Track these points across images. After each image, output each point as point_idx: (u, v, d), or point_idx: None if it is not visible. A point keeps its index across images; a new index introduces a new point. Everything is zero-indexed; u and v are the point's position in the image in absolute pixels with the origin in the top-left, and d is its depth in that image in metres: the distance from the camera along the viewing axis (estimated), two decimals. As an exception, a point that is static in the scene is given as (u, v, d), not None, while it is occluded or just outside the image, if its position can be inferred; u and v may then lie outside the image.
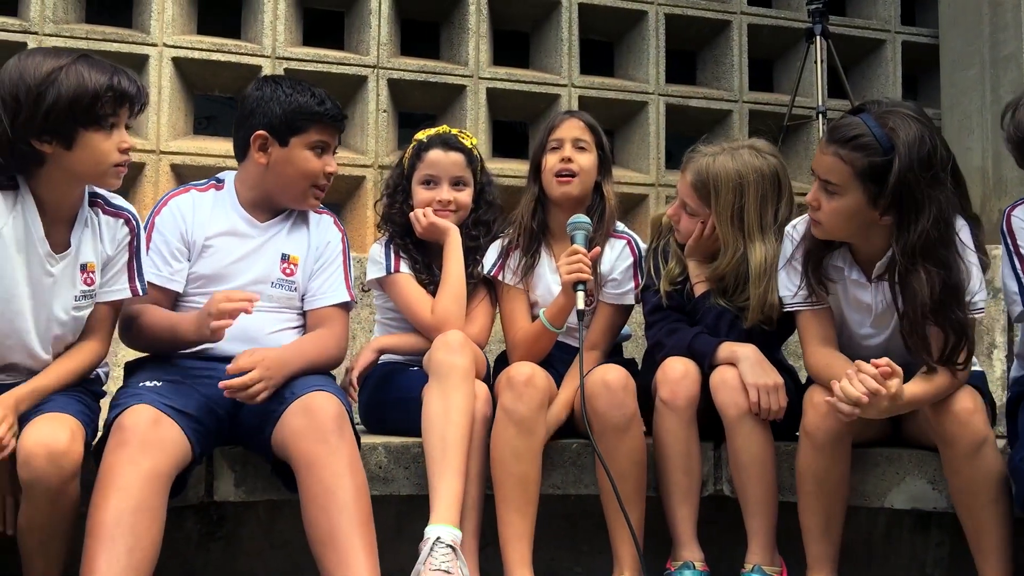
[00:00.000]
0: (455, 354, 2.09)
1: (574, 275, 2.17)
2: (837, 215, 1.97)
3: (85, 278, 1.91)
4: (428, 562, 1.87)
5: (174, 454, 1.81)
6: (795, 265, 2.12)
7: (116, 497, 1.69)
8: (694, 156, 2.28)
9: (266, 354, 1.97)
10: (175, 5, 3.64)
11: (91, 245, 1.93)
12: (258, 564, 2.27)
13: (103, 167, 1.84)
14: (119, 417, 1.81)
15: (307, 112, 2.11)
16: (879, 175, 1.89)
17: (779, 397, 2.11)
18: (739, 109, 4.27)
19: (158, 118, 3.56)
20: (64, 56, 1.81)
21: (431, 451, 2.02)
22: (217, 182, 2.22)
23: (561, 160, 2.39)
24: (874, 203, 1.92)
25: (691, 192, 2.26)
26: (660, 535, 2.18)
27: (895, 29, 4.52)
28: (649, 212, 4.09)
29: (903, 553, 2.39)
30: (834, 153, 1.93)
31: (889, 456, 2.18)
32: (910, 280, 1.93)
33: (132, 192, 3.55)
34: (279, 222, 2.20)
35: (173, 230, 2.11)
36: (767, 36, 4.41)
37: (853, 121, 1.94)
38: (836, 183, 1.94)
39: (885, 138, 1.89)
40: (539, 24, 4.22)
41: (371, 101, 3.81)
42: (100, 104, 1.79)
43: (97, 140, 1.81)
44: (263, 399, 1.94)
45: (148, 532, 1.70)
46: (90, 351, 1.96)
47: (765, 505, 2.13)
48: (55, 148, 1.79)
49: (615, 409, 2.09)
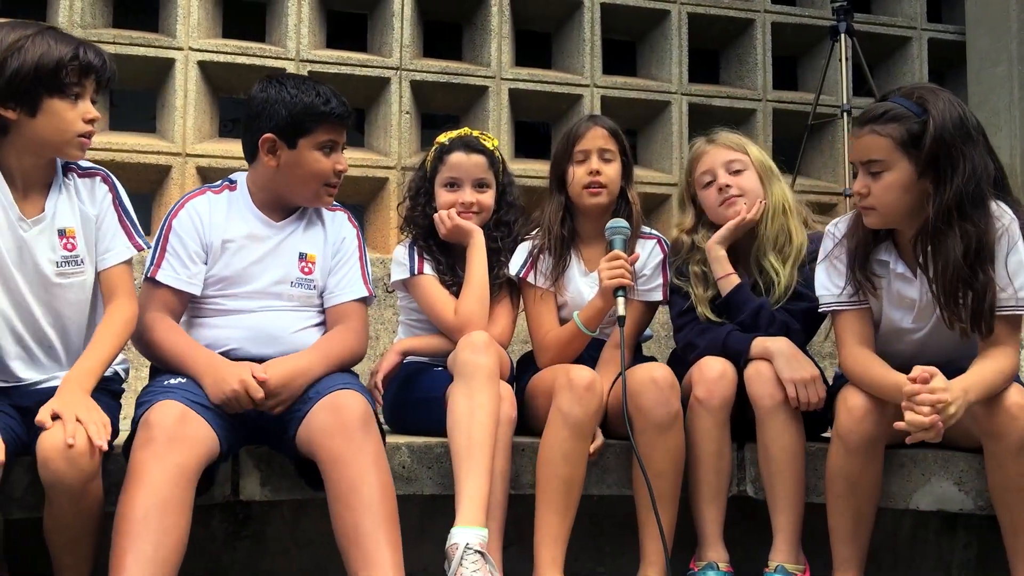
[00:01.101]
0: (481, 354, 2.10)
1: (616, 280, 2.18)
2: (889, 191, 1.96)
3: (65, 243, 1.91)
4: (459, 572, 1.86)
5: (201, 450, 1.82)
6: (836, 264, 2.11)
7: (143, 493, 1.70)
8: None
9: (280, 369, 1.96)
10: (200, 9, 3.68)
11: (68, 210, 1.92)
12: (283, 563, 2.29)
13: (67, 136, 1.86)
14: (146, 413, 1.82)
15: (313, 112, 2.08)
16: (918, 140, 1.92)
17: (817, 389, 2.11)
18: (763, 108, 4.24)
19: (184, 121, 3.60)
20: (31, 27, 1.85)
21: (457, 450, 2.03)
22: (230, 183, 2.21)
23: (589, 173, 2.40)
24: (921, 171, 1.93)
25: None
26: (684, 535, 2.18)
27: (921, 26, 4.48)
28: (672, 211, 4.06)
29: (929, 555, 2.37)
30: (870, 131, 1.96)
31: (914, 457, 2.16)
32: (944, 239, 1.93)
33: (159, 194, 3.59)
34: (294, 221, 2.19)
35: (191, 233, 2.11)
36: (791, 34, 4.38)
37: (881, 103, 1.99)
38: (880, 159, 1.95)
39: (916, 106, 1.94)
40: (561, 24, 4.22)
41: (394, 103, 3.82)
42: (65, 72, 1.82)
43: (62, 108, 1.84)
44: (278, 412, 1.96)
45: (175, 528, 1.71)
46: (118, 310, 1.94)
47: (792, 500, 2.12)
48: (20, 115, 1.82)
49: (661, 406, 2.09)
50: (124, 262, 1.98)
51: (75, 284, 1.93)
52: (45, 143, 1.86)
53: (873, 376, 1.99)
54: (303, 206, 2.21)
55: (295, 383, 1.97)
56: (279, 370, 1.96)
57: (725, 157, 2.38)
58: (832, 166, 4.30)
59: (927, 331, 2.09)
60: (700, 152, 2.43)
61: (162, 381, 1.97)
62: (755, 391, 2.14)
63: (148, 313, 2.04)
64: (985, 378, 1.91)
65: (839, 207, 4.06)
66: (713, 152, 2.40)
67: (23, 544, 1.92)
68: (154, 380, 2.04)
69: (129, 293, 1.98)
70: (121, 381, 2.11)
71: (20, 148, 1.86)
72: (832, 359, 3.43)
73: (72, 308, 1.95)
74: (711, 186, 2.38)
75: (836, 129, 4.21)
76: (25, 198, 1.88)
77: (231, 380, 1.90)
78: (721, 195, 2.35)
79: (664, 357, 2.55)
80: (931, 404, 1.80)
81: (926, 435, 1.82)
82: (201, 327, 2.13)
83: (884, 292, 2.09)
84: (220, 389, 1.90)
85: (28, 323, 1.90)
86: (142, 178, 3.54)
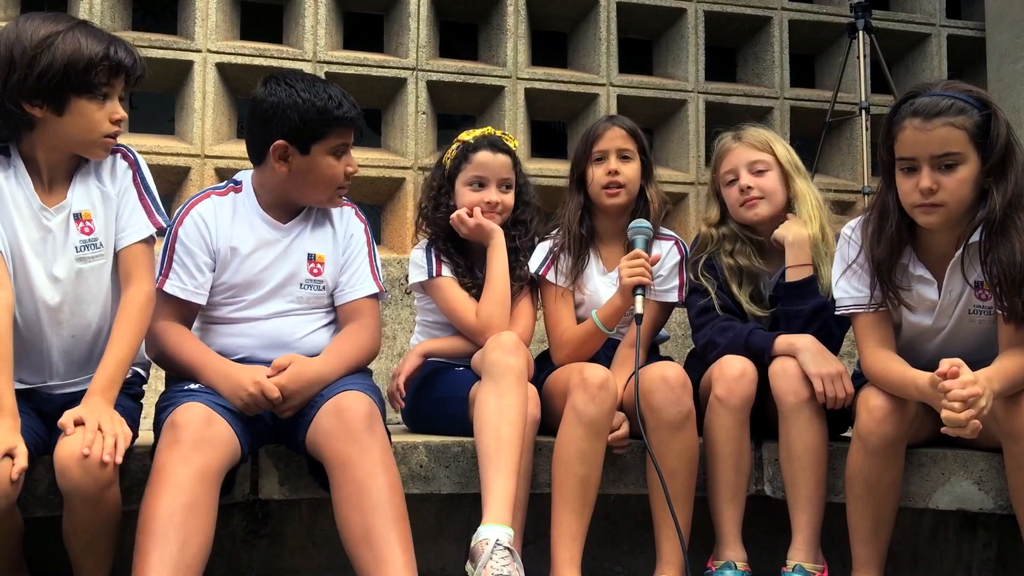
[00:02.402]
0: (510, 355, 2.09)
1: (636, 279, 2.19)
2: (963, 186, 1.94)
3: (81, 227, 1.88)
4: (488, 567, 1.84)
5: (225, 452, 1.82)
6: (857, 269, 2.08)
7: (168, 494, 1.70)
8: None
9: (296, 374, 1.95)
10: (219, 12, 3.70)
11: (85, 193, 1.90)
12: (301, 560, 2.31)
13: (93, 136, 1.85)
14: (172, 415, 1.82)
15: (327, 118, 2.03)
16: (984, 134, 1.91)
17: (844, 384, 2.11)
18: (780, 106, 4.23)
19: (202, 123, 3.62)
20: (63, 22, 1.81)
21: (485, 449, 2.01)
22: (235, 184, 2.18)
23: (608, 173, 2.41)
24: (990, 165, 1.92)
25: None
26: (701, 534, 2.18)
27: (940, 23, 4.45)
28: (689, 211, 4.07)
29: (949, 555, 2.35)
30: (945, 124, 1.91)
31: (934, 456, 2.14)
32: (1008, 232, 1.91)
33: (177, 196, 3.61)
34: (301, 221, 2.17)
35: (197, 242, 2.08)
36: (808, 31, 4.36)
37: (933, 98, 1.93)
38: (957, 151, 1.92)
39: (973, 99, 1.92)
40: (577, 24, 4.22)
41: (410, 103, 3.83)
42: (94, 72, 1.80)
43: (89, 109, 1.82)
44: (289, 415, 1.96)
45: (200, 529, 1.70)
46: (132, 297, 1.89)
47: (813, 499, 2.11)
48: (46, 113, 1.80)
49: (672, 405, 2.09)
50: (142, 241, 1.93)
51: (95, 269, 1.91)
52: (71, 141, 1.86)
53: (893, 376, 1.97)
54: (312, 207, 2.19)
55: (310, 389, 1.96)
56: (296, 375, 1.95)
57: (749, 157, 2.38)
58: (851, 164, 4.28)
59: (948, 330, 2.07)
60: (726, 149, 2.43)
61: (182, 386, 1.97)
62: (779, 388, 2.13)
63: (158, 322, 2.03)
64: (1007, 370, 1.89)
65: (857, 205, 4.03)
66: (738, 151, 2.40)
67: (43, 545, 1.94)
68: (173, 385, 2.04)
69: (145, 275, 1.93)
70: (142, 382, 2.12)
71: (46, 144, 1.86)
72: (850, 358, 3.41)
73: (93, 298, 1.92)
74: (733, 185, 2.38)
75: (854, 127, 4.18)
76: (50, 189, 1.88)
77: (247, 384, 1.90)
78: (742, 196, 2.35)
79: (680, 358, 2.55)
80: (963, 400, 1.78)
81: (963, 431, 1.80)
82: (213, 334, 2.13)
83: (905, 296, 2.07)
84: (236, 394, 1.91)
85: (52, 320, 1.89)
86: (161, 179, 3.56)
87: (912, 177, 1.95)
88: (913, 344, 2.10)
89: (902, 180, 1.97)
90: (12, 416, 1.71)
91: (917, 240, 2.06)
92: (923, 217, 1.97)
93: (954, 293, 2.03)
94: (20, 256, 1.85)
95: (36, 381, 1.93)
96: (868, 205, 2.19)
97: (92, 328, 1.93)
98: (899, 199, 2.00)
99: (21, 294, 1.85)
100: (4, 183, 1.85)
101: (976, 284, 2.01)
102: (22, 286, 1.86)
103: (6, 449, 1.64)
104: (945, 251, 2.03)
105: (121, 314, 1.89)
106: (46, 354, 1.91)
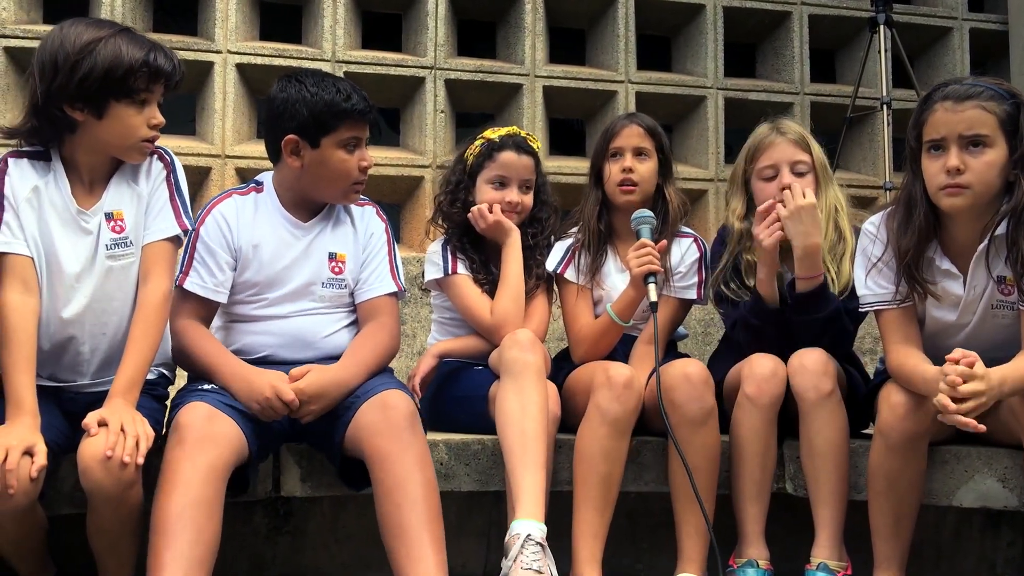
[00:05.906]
0: (527, 352, 2.10)
1: (645, 267, 2.20)
2: (990, 169, 1.93)
3: (113, 226, 1.91)
4: (519, 560, 1.86)
5: (230, 449, 1.84)
6: (880, 265, 2.07)
7: (178, 492, 1.73)
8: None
9: (317, 379, 1.96)
10: (238, 13, 3.73)
11: (117, 193, 1.93)
12: (323, 557, 2.32)
13: (131, 141, 1.89)
14: (177, 416, 1.85)
15: (335, 110, 2.05)
16: (1014, 124, 1.92)
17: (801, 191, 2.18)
18: (800, 101, 4.20)
19: (223, 123, 3.65)
20: (106, 28, 1.86)
21: (511, 447, 2.02)
22: (256, 184, 2.20)
23: (623, 171, 2.41)
24: (1013, 155, 1.92)
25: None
26: (721, 532, 2.17)
27: (962, 16, 4.40)
28: (708, 207, 4.06)
29: (972, 552, 2.34)
30: (976, 106, 1.92)
31: (957, 453, 2.13)
32: None
33: (199, 196, 3.63)
34: (322, 220, 2.18)
35: (219, 240, 2.10)
36: (828, 26, 4.33)
37: (964, 85, 1.95)
38: (986, 134, 1.92)
39: (1004, 90, 1.93)
40: (595, 20, 4.21)
41: (429, 102, 3.84)
42: (134, 78, 1.84)
43: (127, 114, 1.86)
44: (309, 419, 1.97)
45: (208, 525, 1.73)
46: (149, 295, 1.91)
47: (836, 495, 2.10)
48: (86, 116, 1.84)
49: (694, 402, 2.09)
50: (166, 239, 1.96)
51: (124, 268, 1.93)
52: (109, 145, 1.90)
53: (914, 372, 1.96)
54: (331, 203, 2.21)
55: (331, 395, 1.97)
56: (315, 380, 1.96)
57: (793, 156, 2.33)
58: (872, 159, 4.25)
59: (973, 325, 2.06)
60: (767, 142, 2.35)
61: (194, 386, 1.99)
62: (799, 384, 2.11)
63: (179, 320, 2.05)
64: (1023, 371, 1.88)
65: (879, 200, 4.01)
66: (782, 146, 2.34)
67: (68, 543, 1.96)
68: (188, 385, 2.06)
69: (164, 273, 1.94)
70: (168, 383, 2.13)
71: (86, 147, 1.90)
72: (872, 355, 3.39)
73: (124, 296, 1.94)
74: (772, 181, 2.32)
75: (876, 122, 4.15)
76: (90, 191, 1.92)
77: (263, 388, 1.91)
78: (781, 194, 2.28)
79: (702, 356, 2.54)
80: (954, 385, 1.78)
81: (957, 421, 1.79)
82: (235, 332, 2.15)
83: (931, 288, 2.06)
84: (253, 399, 1.92)
85: (85, 318, 1.92)
86: (183, 180, 3.60)
87: (940, 158, 1.95)
88: (936, 340, 2.09)
89: (929, 163, 1.97)
90: (32, 415, 1.74)
91: (942, 233, 2.04)
92: (947, 200, 1.96)
93: (978, 288, 2.02)
94: (55, 259, 1.89)
95: (69, 379, 1.96)
96: (892, 199, 2.17)
97: (124, 326, 1.95)
98: (926, 190, 2.00)
99: (56, 294, 1.89)
100: (44, 189, 1.89)
101: (999, 279, 2.00)
102: (56, 286, 1.89)
103: (26, 447, 1.67)
104: (970, 244, 2.01)
105: (139, 314, 1.91)
106: (81, 352, 1.94)
